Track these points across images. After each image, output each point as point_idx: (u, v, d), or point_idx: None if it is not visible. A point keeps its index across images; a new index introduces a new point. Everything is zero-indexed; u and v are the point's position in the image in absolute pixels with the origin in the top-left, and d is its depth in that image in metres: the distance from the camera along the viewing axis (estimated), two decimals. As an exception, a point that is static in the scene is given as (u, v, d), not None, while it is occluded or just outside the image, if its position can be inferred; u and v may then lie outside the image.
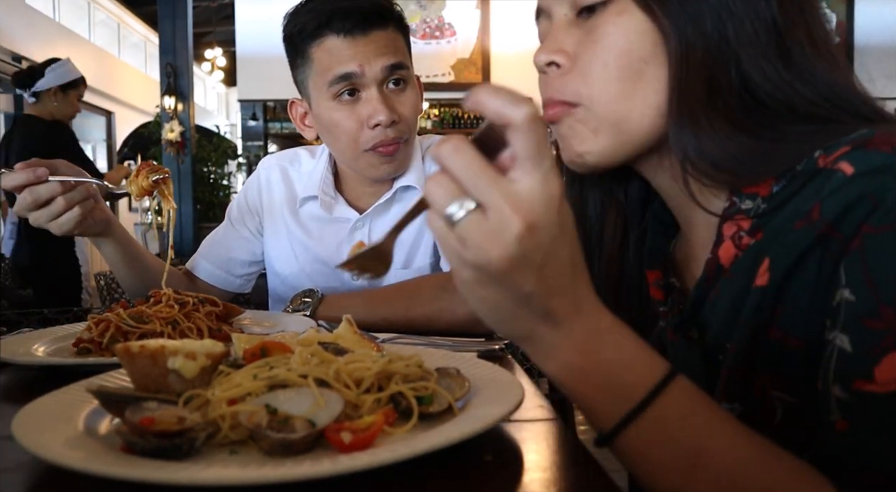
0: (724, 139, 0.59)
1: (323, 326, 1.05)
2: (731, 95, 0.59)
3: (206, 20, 10.84)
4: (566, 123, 0.66)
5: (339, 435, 0.53)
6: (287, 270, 1.44)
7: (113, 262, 1.29)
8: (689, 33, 0.60)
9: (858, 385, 0.49)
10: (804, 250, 0.54)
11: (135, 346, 0.61)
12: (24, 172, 1.07)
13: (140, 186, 1.14)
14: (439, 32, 7.08)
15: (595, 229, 0.76)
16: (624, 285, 0.76)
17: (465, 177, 0.45)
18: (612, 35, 0.62)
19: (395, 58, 1.27)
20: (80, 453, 0.51)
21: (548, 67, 0.67)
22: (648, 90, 0.62)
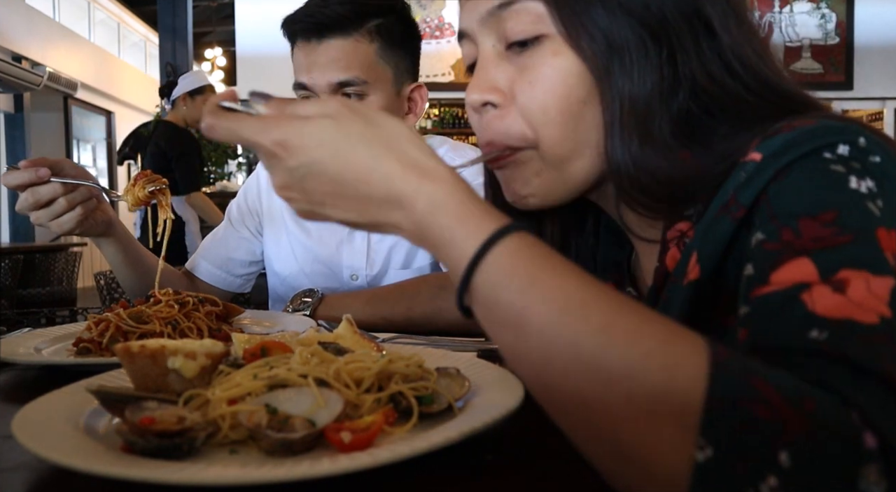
0: (657, 170, 0.59)
1: (323, 325, 1.05)
2: (667, 125, 0.60)
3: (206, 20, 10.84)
4: (509, 167, 0.66)
5: (338, 435, 0.53)
6: (286, 270, 1.44)
7: (114, 262, 1.29)
8: (622, 71, 0.59)
9: (755, 293, 0.48)
10: (729, 239, 0.55)
11: (135, 346, 0.61)
12: (26, 172, 1.07)
13: (136, 197, 1.14)
14: (439, 32, 7.08)
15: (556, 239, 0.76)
16: None
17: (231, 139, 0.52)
18: (549, 78, 0.61)
19: (346, 73, 1.23)
20: (81, 452, 0.51)
21: (482, 107, 0.65)
22: (588, 130, 0.62)
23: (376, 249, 1.37)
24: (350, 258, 1.37)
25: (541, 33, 0.61)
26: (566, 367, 0.42)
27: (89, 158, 10.48)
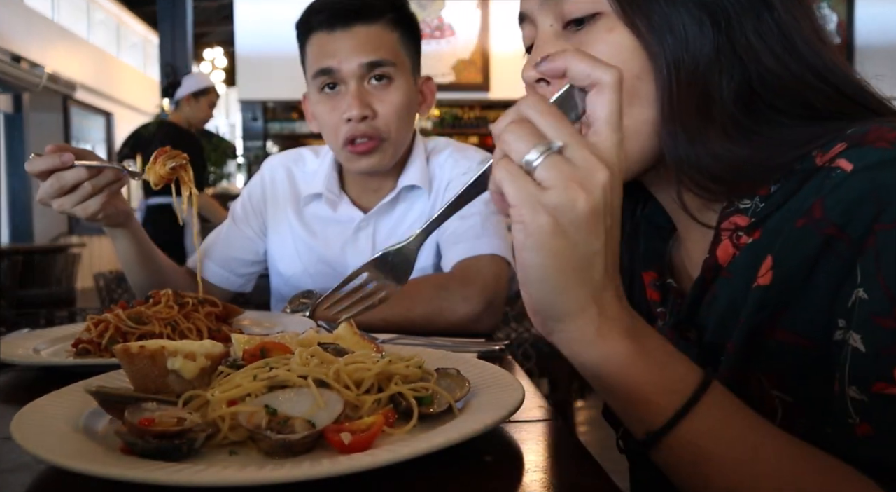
0: (721, 151, 0.59)
1: (323, 326, 1.05)
2: (729, 104, 0.59)
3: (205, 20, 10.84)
4: None
5: (339, 436, 0.52)
6: (290, 270, 1.44)
7: (126, 257, 1.27)
8: (676, 50, 0.59)
9: (878, 388, 0.48)
10: (813, 253, 0.53)
11: (134, 346, 0.61)
12: (49, 157, 1.05)
13: (158, 174, 1.11)
14: (439, 33, 7.08)
15: None
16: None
17: (548, 123, 0.45)
18: (603, 53, 0.61)
19: (376, 55, 1.26)
20: (80, 453, 0.51)
21: (537, 84, 0.66)
22: (642, 107, 0.62)
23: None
24: (355, 259, 1.37)
25: (597, 10, 0.62)
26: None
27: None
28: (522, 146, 0.45)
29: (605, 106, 0.46)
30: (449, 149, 1.43)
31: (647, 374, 0.48)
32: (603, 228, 0.45)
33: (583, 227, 0.44)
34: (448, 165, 1.40)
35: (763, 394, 0.57)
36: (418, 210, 1.38)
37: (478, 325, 1.18)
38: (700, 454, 0.47)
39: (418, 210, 1.38)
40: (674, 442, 0.48)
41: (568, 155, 0.44)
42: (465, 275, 1.23)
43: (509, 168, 0.45)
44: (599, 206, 0.44)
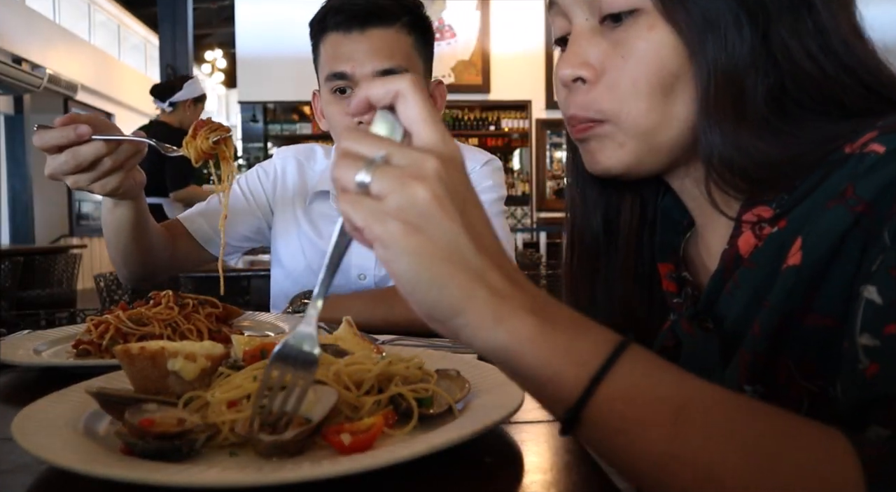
0: (752, 150, 0.59)
1: (323, 327, 1.05)
2: (762, 104, 0.59)
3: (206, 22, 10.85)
4: (593, 139, 0.66)
5: (339, 437, 0.53)
6: (293, 264, 1.44)
7: (121, 227, 1.16)
8: (716, 49, 0.59)
9: (891, 330, 0.47)
10: (843, 233, 0.53)
11: (134, 347, 0.61)
12: (62, 131, 0.93)
13: (199, 149, 0.99)
14: (439, 34, 7.09)
15: (612, 219, 0.75)
16: (639, 275, 0.75)
17: (365, 144, 0.46)
18: (643, 51, 0.61)
19: (390, 62, 1.25)
20: (80, 454, 0.51)
21: (572, 83, 0.65)
22: (678, 104, 0.62)
23: None
24: (359, 258, 1.37)
25: (637, 6, 0.61)
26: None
27: (89, 160, 10.46)
28: (350, 173, 0.45)
29: (413, 107, 0.47)
30: None
31: (555, 348, 0.45)
32: (455, 210, 0.44)
33: (432, 216, 0.44)
34: None
35: (790, 383, 0.56)
36: None
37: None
38: (622, 421, 0.44)
39: None
40: (593, 414, 0.44)
41: (393, 161, 0.45)
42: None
43: (347, 198, 0.45)
44: (440, 191, 0.44)
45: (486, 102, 7.75)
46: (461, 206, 0.45)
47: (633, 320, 0.73)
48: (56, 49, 9.06)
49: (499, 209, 1.37)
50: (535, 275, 4.43)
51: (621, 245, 0.75)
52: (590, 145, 0.66)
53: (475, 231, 0.45)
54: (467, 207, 0.45)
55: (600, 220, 0.75)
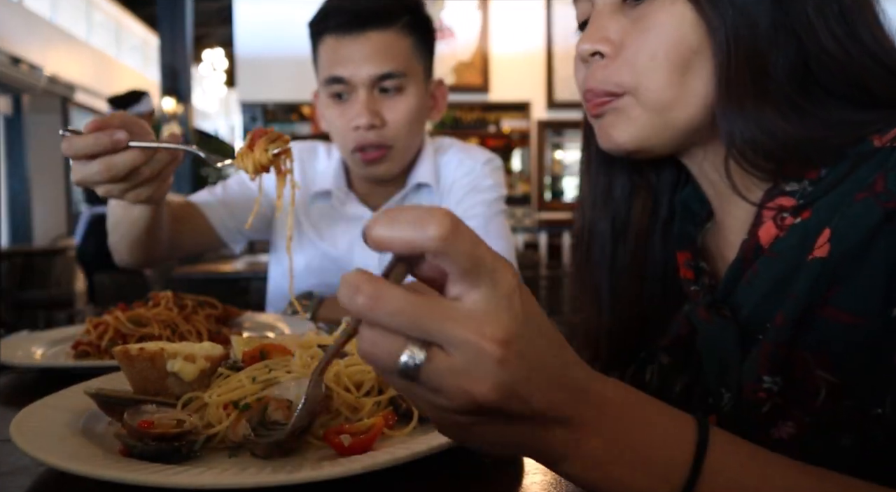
0: (775, 128, 0.58)
1: (322, 328, 1.05)
2: (784, 82, 0.58)
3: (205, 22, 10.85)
4: (609, 113, 0.65)
5: (339, 438, 0.52)
6: (293, 263, 1.43)
7: (136, 224, 1.08)
8: (736, 24, 0.59)
9: None
10: (872, 228, 0.52)
11: (134, 348, 0.61)
12: (96, 137, 0.82)
13: (258, 162, 0.85)
14: (439, 34, 7.08)
15: (622, 211, 0.75)
16: (649, 267, 0.75)
17: (402, 324, 0.37)
18: (663, 25, 0.61)
19: (387, 66, 1.24)
20: (79, 456, 0.51)
21: (591, 57, 0.65)
22: (696, 80, 0.61)
23: None
24: (362, 258, 1.36)
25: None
26: None
27: (88, 161, 10.47)
28: (388, 359, 0.37)
29: (450, 265, 0.38)
30: (454, 148, 1.43)
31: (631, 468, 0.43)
32: (521, 388, 0.38)
33: (497, 408, 0.38)
34: (453, 165, 1.39)
35: (807, 374, 0.55)
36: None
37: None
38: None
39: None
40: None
41: (443, 345, 0.37)
42: (465, 277, 1.23)
43: (394, 381, 0.39)
44: (503, 382, 0.37)
45: (486, 103, 7.75)
46: (527, 372, 0.38)
47: (641, 312, 0.73)
48: (54, 49, 9.06)
49: (499, 209, 1.37)
50: (534, 275, 4.43)
51: (630, 238, 0.74)
52: (605, 120, 0.66)
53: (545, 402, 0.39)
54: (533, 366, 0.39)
55: (611, 213, 0.75)
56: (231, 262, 3.48)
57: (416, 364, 0.37)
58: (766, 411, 0.55)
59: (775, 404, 0.55)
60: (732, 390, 0.58)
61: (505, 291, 0.38)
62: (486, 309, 0.37)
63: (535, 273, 4.55)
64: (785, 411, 0.54)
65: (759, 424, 0.55)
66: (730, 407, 0.58)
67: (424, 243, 0.37)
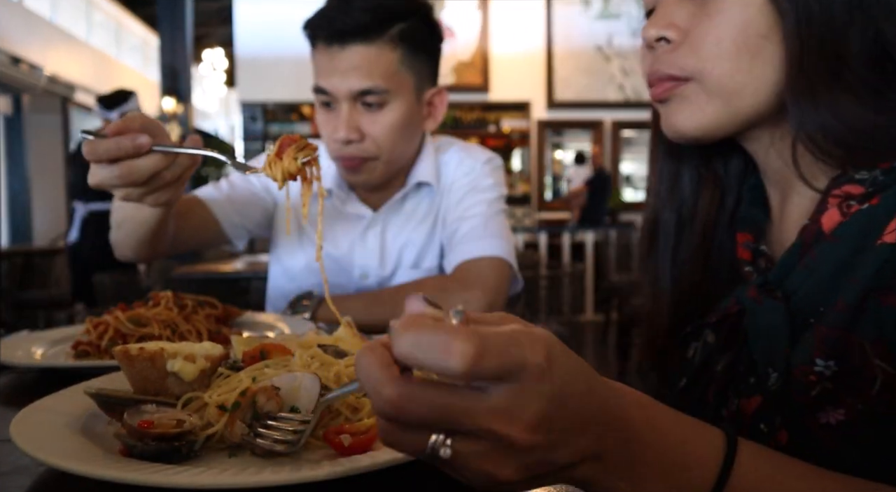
0: (850, 115, 0.57)
1: (322, 328, 1.05)
2: (860, 67, 0.57)
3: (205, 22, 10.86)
4: (674, 99, 0.64)
5: (338, 438, 0.52)
6: (292, 262, 1.43)
7: (145, 223, 1.06)
8: (809, 7, 0.57)
9: None
10: None
11: (134, 348, 0.61)
12: (118, 141, 0.80)
13: (287, 170, 0.84)
14: (438, 34, 7.09)
15: (688, 202, 0.74)
16: (713, 258, 0.74)
17: (428, 422, 0.37)
18: (730, 10, 0.60)
19: (369, 81, 1.21)
20: (79, 455, 0.51)
21: (656, 42, 0.64)
22: (765, 66, 0.60)
23: (389, 248, 1.37)
24: (363, 258, 1.36)
25: None
26: None
27: (88, 161, 10.48)
28: (413, 450, 0.38)
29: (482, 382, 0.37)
30: (454, 147, 1.42)
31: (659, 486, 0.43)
32: (544, 466, 0.39)
33: (530, 475, 0.39)
34: (453, 164, 1.39)
35: (864, 362, 0.54)
36: (426, 206, 1.38)
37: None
38: None
39: (426, 206, 1.38)
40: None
41: (470, 434, 0.37)
42: (465, 277, 1.23)
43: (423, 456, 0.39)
44: (527, 467, 0.38)
45: (486, 103, 7.75)
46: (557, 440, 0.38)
47: (702, 298, 0.72)
48: (54, 49, 9.06)
49: (499, 208, 1.37)
50: (534, 275, 4.43)
51: (697, 229, 0.74)
52: (670, 106, 0.65)
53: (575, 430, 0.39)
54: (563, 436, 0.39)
55: (677, 203, 0.74)
56: (231, 261, 3.48)
57: (441, 453, 0.37)
58: (815, 395, 0.54)
59: (825, 388, 0.54)
60: (780, 370, 0.57)
61: (533, 376, 0.37)
62: (514, 402, 0.37)
63: (535, 273, 4.55)
64: (836, 397, 0.53)
65: (806, 406, 0.54)
66: (777, 387, 0.57)
67: (450, 375, 0.36)
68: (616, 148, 7.98)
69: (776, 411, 0.53)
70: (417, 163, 1.37)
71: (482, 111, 7.84)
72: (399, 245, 1.37)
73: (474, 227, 1.29)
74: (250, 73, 7.48)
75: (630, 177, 8.31)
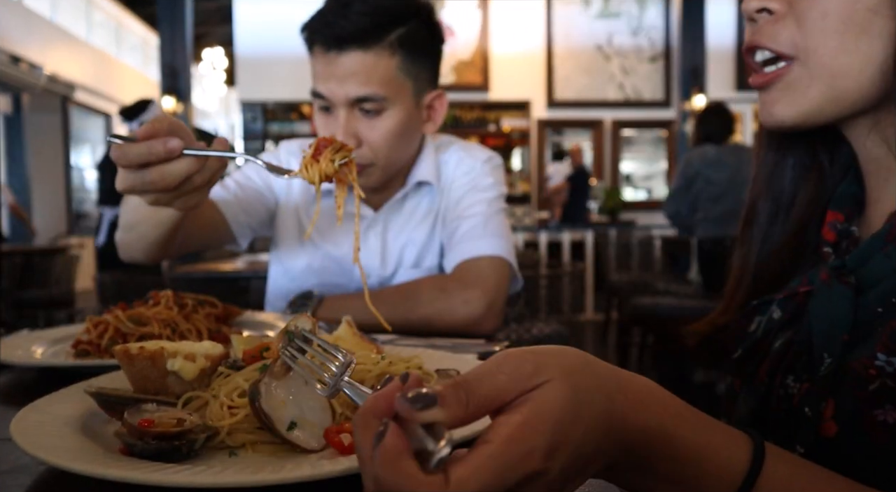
0: None
1: (322, 327, 1.05)
2: None
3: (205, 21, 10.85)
4: (776, 87, 0.61)
5: (339, 437, 0.52)
6: (293, 262, 1.43)
7: (162, 224, 1.05)
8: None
9: None
10: None
11: (134, 347, 0.61)
12: (149, 145, 0.78)
13: (324, 173, 0.83)
14: (438, 33, 7.09)
15: (787, 193, 0.71)
16: (805, 250, 0.71)
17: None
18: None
19: (366, 88, 1.20)
20: (79, 454, 0.51)
21: (758, 14, 0.61)
22: (874, 43, 0.56)
23: (391, 248, 1.37)
24: (364, 258, 1.35)
25: None
26: None
27: (88, 161, 10.48)
28: None
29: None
30: (454, 146, 1.42)
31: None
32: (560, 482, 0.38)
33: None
34: (453, 163, 1.39)
35: None
36: (427, 205, 1.38)
37: (478, 327, 1.18)
38: None
39: (427, 205, 1.38)
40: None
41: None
42: (465, 277, 1.23)
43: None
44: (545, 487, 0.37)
45: (486, 102, 7.75)
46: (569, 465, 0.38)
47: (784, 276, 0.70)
48: (54, 49, 9.06)
49: (499, 207, 1.37)
50: (534, 275, 4.43)
51: (792, 220, 0.71)
52: (770, 94, 0.62)
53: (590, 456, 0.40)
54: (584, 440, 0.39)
55: (775, 193, 0.71)
56: (231, 261, 3.48)
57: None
58: (874, 390, 0.51)
59: (885, 384, 0.51)
60: (835, 356, 0.55)
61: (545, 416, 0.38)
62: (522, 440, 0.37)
63: (535, 272, 4.55)
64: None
65: (863, 400, 0.52)
66: (828, 372, 0.55)
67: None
68: (616, 147, 7.98)
69: (822, 396, 0.52)
70: (418, 162, 1.37)
71: (482, 110, 7.83)
72: (400, 245, 1.37)
73: (474, 226, 1.29)
74: (250, 72, 7.47)
75: (630, 176, 8.31)
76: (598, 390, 0.40)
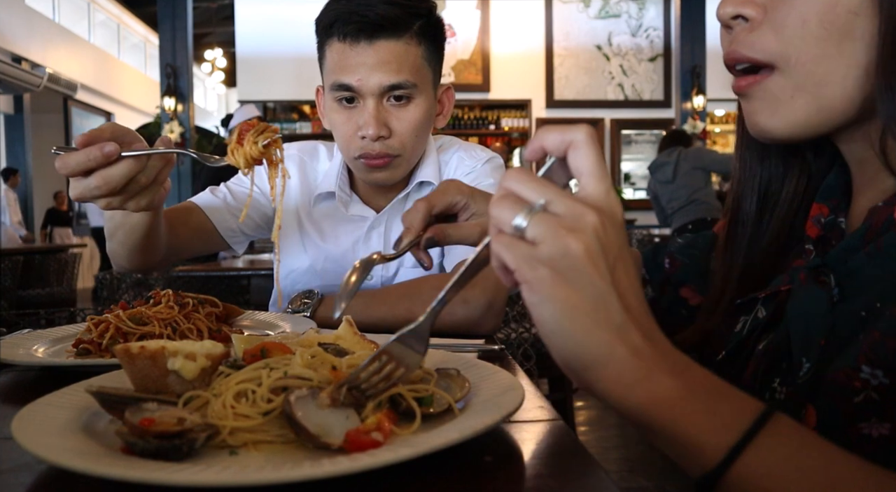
0: None
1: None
2: None
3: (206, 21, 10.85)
4: (756, 95, 0.60)
5: (366, 436, 0.52)
6: (295, 263, 1.43)
7: (135, 229, 1.08)
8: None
9: None
10: None
11: (134, 347, 0.61)
12: (88, 153, 0.82)
13: (248, 156, 0.86)
14: (439, 33, 7.09)
15: (773, 189, 0.70)
16: (791, 248, 0.69)
17: (528, 188, 0.46)
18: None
19: (397, 77, 1.21)
20: (80, 454, 0.51)
21: (733, 21, 0.59)
22: (856, 46, 0.54)
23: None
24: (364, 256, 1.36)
25: None
26: None
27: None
28: (508, 214, 0.46)
29: (584, 159, 0.47)
30: (456, 146, 1.42)
31: (696, 412, 0.43)
32: (606, 268, 0.44)
33: (582, 270, 0.43)
34: (454, 163, 1.39)
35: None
36: None
37: (478, 327, 1.18)
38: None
39: None
40: (732, 484, 0.42)
41: (552, 209, 0.45)
42: (465, 277, 1.23)
43: (501, 238, 0.46)
44: (594, 246, 0.43)
45: (486, 101, 7.75)
46: (612, 263, 0.44)
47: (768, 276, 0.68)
48: (56, 48, 9.06)
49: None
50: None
51: (776, 218, 0.69)
52: (752, 102, 0.61)
53: (622, 289, 0.45)
54: (618, 264, 0.45)
55: (758, 192, 0.70)
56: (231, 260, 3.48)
57: (526, 218, 0.45)
58: (859, 403, 0.50)
59: (870, 398, 0.49)
60: (813, 361, 0.54)
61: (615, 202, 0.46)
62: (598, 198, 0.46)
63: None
64: (883, 410, 0.49)
65: (848, 414, 0.50)
66: (807, 379, 0.54)
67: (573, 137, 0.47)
68: (616, 146, 7.98)
69: (802, 403, 0.51)
70: (421, 163, 1.37)
71: (482, 110, 7.83)
72: None
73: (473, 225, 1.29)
74: (250, 72, 7.47)
75: (629, 175, 8.31)
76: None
